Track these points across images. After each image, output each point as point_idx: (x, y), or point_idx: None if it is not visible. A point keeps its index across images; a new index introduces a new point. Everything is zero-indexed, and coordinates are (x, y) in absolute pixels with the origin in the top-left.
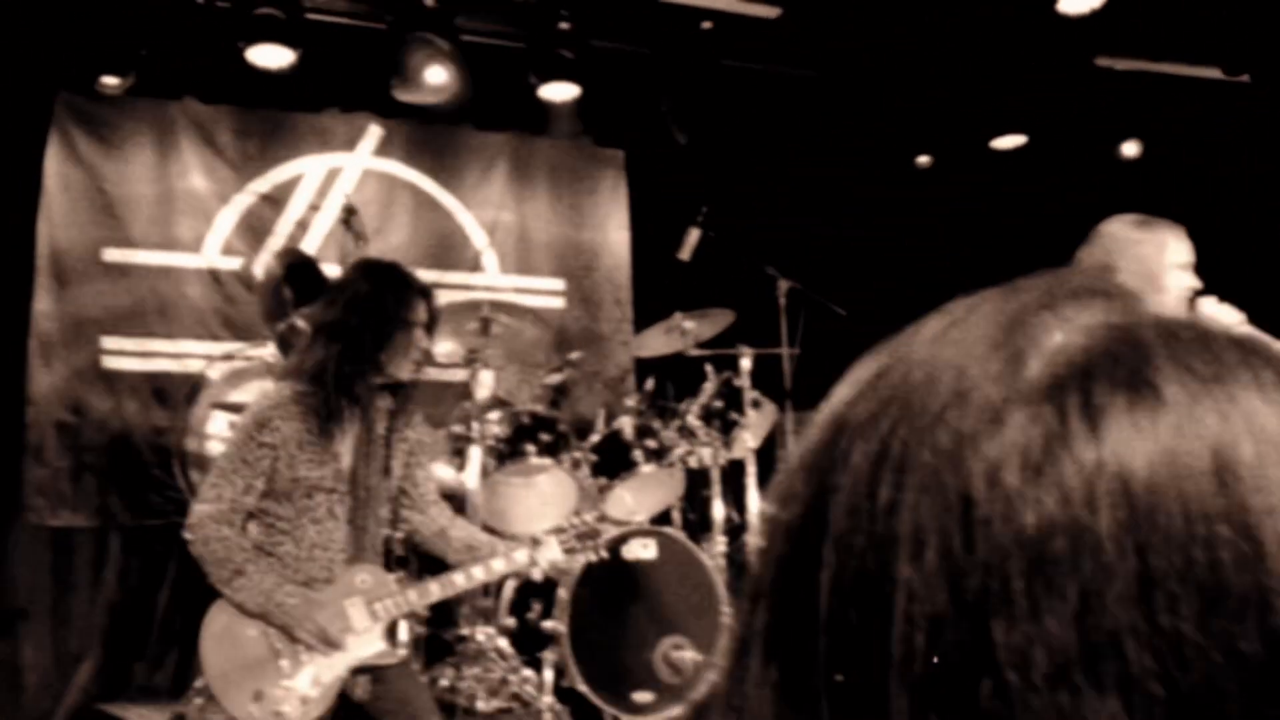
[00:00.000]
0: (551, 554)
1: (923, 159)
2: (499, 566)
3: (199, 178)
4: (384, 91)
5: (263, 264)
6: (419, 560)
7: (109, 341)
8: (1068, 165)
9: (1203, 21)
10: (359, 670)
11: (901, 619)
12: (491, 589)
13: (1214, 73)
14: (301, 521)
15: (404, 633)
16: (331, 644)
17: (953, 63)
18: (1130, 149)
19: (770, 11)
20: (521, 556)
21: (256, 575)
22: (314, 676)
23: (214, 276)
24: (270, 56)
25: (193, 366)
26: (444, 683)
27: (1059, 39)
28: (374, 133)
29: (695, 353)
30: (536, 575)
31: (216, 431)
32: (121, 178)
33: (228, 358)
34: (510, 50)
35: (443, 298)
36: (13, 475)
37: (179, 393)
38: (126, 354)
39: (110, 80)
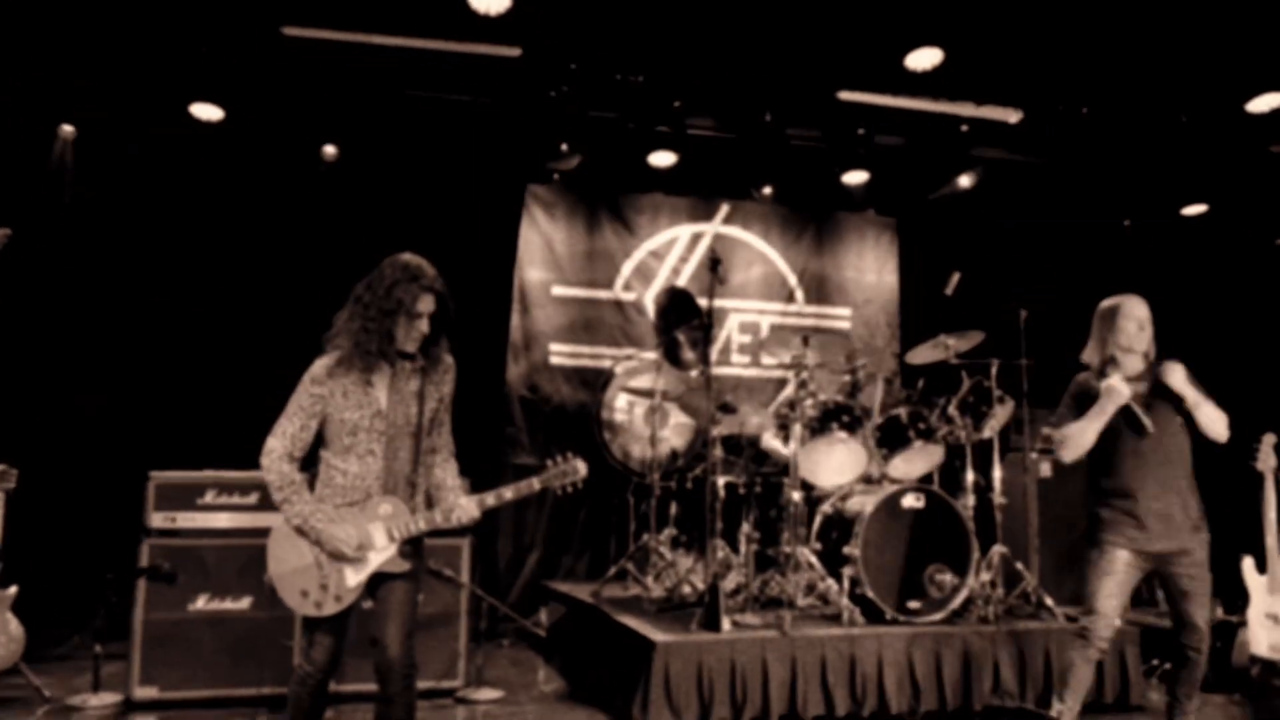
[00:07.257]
0: (464, 514)
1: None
2: (438, 518)
3: (611, 240)
4: (731, 180)
5: (650, 297)
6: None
7: (554, 347)
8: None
9: None
10: (376, 574)
11: None
12: (802, 522)
13: None
14: (349, 457)
15: (742, 547)
16: (344, 558)
17: (1148, 144)
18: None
19: (1012, 116)
20: (450, 515)
21: (299, 501)
22: (344, 579)
23: (619, 305)
24: (661, 159)
25: (605, 364)
26: (773, 586)
27: (1243, 130)
28: (724, 209)
29: (955, 362)
30: (452, 523)
31: (620, 406)
32: (563, 240)
33: (628, 358)
34: (818, 149)
35: (767, 321)
36: (497, 433)
37: (597, 381)
38: (564, 355)
39: (559, 169)
